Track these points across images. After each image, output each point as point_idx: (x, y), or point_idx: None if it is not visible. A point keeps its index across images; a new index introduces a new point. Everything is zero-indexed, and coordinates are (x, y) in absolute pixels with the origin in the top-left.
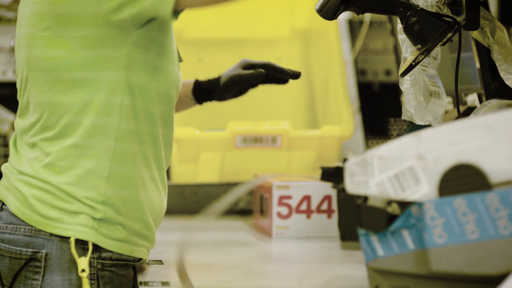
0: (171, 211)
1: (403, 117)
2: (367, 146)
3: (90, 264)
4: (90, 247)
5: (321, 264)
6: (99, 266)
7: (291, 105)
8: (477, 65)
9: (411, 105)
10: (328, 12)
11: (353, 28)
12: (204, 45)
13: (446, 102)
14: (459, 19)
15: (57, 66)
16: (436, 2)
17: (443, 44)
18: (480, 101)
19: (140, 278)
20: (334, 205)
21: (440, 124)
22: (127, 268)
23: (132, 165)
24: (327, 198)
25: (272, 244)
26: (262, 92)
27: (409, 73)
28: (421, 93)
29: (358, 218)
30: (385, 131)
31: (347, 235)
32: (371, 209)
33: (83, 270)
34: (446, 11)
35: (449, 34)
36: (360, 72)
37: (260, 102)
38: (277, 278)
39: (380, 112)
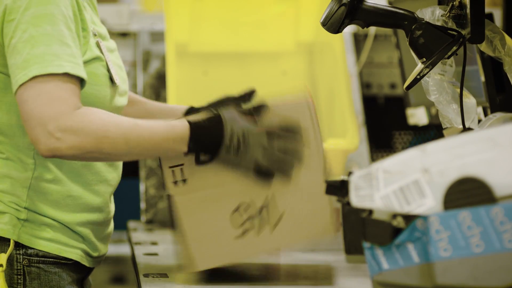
0: None
1: (444, 126)
2: (372, 159)
3: (16, 260)
4: (12, 244)
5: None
6: (25, 262)
7: None
8: (482, 78)
9: (448, 111)
10: (333, 26)
11: (358, 41)
12: (209, 58)
13: (475, 101)
14: (464, 32)
15: None
16: (441, 15)
17: (448, 57)
18: (485, 114)
19: None
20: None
21: (476, 125)
22: (59, 266)
23: (56, 180)
24: (335, 211)
25: (278, 256)
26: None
27: (432, 83)
28: (451, 98)
29: (363, 232)
30: (390, 144)
31: (352, 248)
32: (376, 222)
33: (0, 265)
34: (451, 24)
35: (454, 48)
36: (365, 85)
37: None
38: None
39: (385, 125)
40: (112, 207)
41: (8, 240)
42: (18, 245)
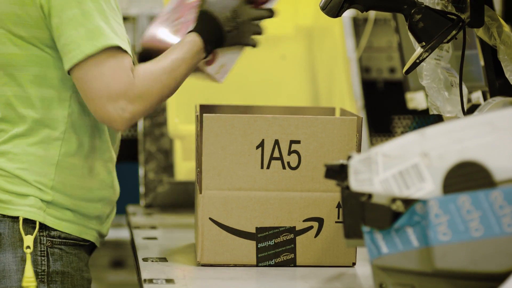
0: (175, 208)
1: (430, 112)
2: (371, 143)
3: (40, 242)
4: (37, 226)
5: None
6: (49, 244)
7: (295, 102)
8: (482, 62)
9: (437, 98)
10: (332, 10)
11: (358, 25)
12: None
13: (467, 92)
14: (463, 16)
15: (12, 62)
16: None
17: (448, 42)
18: (485, 99)
19: (145, 276)
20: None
21: (462, 115)
22: (77, 248)
23: (81, 155)
24: None
25: None
26: (266, 89)
27: (426, 68)
28: (442, 85)
29: (363, 216)
30: (389, 128)
31: (352, 232)
32: (375, 206)
33: (27, 247)
34: (450, 8)
35: (454, 32)
36: (364, 70)
37: (264, 99)
38: (282, 276)
39: (384, 109)
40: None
41: (33, 222)
42: (41, 227)
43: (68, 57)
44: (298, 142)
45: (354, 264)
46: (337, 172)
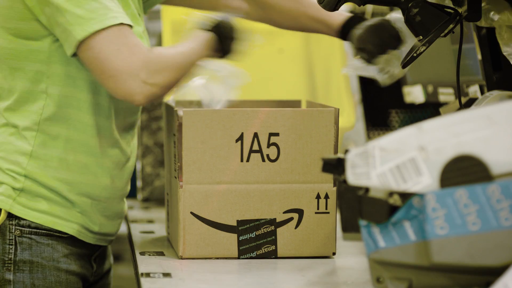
0: None
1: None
2: (369, 137)
3: (9, 230)
4: (2, 214)
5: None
6: (17, 233)
7: (292, 96)
8: (479, 56)
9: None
10: (329, 4)
11: None
12: None
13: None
14: (460, 10)
15: None
16: None
17: (445, 35)
18: (482, 93)
19: (142, 269)
20: None
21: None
22: (52, 239)
23: (57, 148)
24: None
25: None
26: (262, 83)
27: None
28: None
29: (360, 210)
30: (386, 122)
31: (349, 226)
32: (372, 200)
33: None
34: (447, 2)
35: (451, 26)
36: None
37: (261, 93)
38: (279, 269)
39: (382, 103)
40: (121, 184)
41: (0, 210)
42: (11, 215)
43: (72, 37)
44: (277, 134)
45: (334, 254)
46: (334, 166)
